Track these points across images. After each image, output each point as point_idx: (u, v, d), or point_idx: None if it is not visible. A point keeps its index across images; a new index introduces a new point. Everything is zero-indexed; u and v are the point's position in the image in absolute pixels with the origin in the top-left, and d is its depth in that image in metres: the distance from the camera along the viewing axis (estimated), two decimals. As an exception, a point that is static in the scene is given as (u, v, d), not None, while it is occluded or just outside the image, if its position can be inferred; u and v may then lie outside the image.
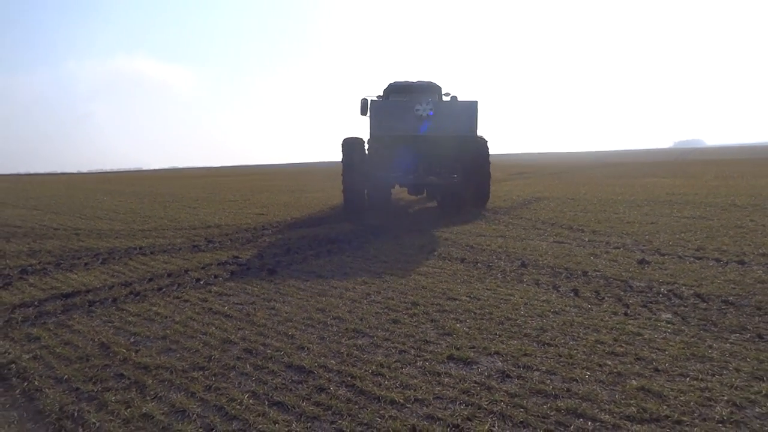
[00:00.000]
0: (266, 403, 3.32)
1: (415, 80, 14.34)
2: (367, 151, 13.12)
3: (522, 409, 3.14)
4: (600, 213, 11.71)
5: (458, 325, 4.66)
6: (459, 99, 13.38)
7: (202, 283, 6.46)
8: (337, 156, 13.53)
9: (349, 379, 3.61)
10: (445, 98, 13.88)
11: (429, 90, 14.13)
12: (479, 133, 12.20)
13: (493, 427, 2.98)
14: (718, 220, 10.07)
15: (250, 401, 3.34)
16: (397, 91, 14.17)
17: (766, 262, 6.55)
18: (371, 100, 12.80)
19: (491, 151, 13.44)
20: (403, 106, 12.24)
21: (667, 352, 3.91)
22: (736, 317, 4.65)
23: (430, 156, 12.55)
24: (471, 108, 11.98)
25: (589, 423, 2.98)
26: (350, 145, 13.19)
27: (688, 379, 3.47)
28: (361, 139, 13.38)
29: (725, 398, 3.19)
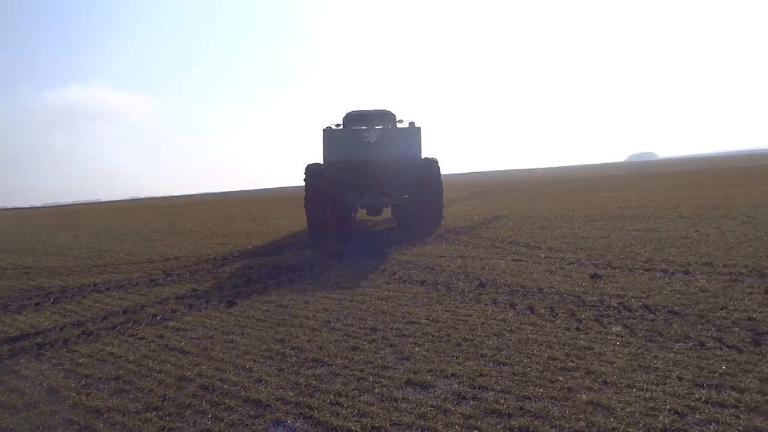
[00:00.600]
0: (222, 440, 3.28)
1: (371, 109, 14.94)
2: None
3: (476, 431, 3.20)
4: (556, 229, 12.06)
5: (417, 348, 4.72)
6: (415, 124, 14.00)
7: (158, 318, 6.32)
8: (298, 182, 13.89)
9: (306, 410, 3.60)
10: (400, 124, 14.36)
11: (383, 117, 14.69)
12: (433, 154, 13.24)
13: (448, 450, 3.02)
14: (665, 231, 10.52)
15: (205, 440, 3.29)
16: (354, 119, 14.73)
17: (708, 271, 6.88)
18: (324, 129, 13.55)
19: (449, 171, 14.18)
20: (353, 134, 13.40)
21: (615, 365, 4.06)
22: (680, 326, 4.87)
23: (381, 178, 13.32)
24: (415, 133, 13.28)
25: (541, 440, 3.06)
26: (312, 170, 13.77)
27: (634, 390, 3.61)
28: (323, 164, 13.99)
29: (668, 407, 3.33)
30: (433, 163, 14.17)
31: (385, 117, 14.76)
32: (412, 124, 14.07)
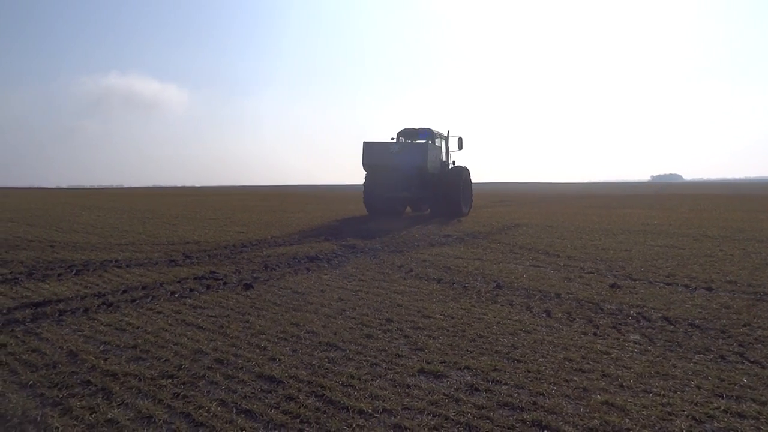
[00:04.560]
0: (234, 411, 3.31)
1: (417, 127, 19.29)
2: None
3: (488, 421, 3.19)
4: (576, 240, 11.92)
5: (431, 341, 4.71)
6: (462, 138, 19.70)
7: (176, 295, 6.41)
8: (324, 180, 16.25)
9: (318, 389, 3.62)
10: (451, 139, 20.11)
11: (425, 134, 19.03)
12: (465, 163, 17.56)
13: (459, 437, 3.01)
14: (689, 249, 10.33)
15: (218, 409, 3.32)
16: (404, 134, 19.45)
17: (732, 289, 6.74)
18: (363, 142, 17.83)
19: (477, 179, 16.85)
20: (383, 146, 17.84)
21: (632, 370, 4.00)
22: (700, 339, 4.78)
23: (401, 178, 17.68)
24: (422, 148, 17.53)
25: (553, 434, 3.03)
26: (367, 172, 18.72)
27: (651, 395, 3.55)
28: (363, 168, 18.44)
29: (685, 413, 3.27)
30: (456, 171, 18.88)
31: (426, 133, 19.01)
32: (460, 139, 19.60)
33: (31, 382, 3.72)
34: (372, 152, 17.78)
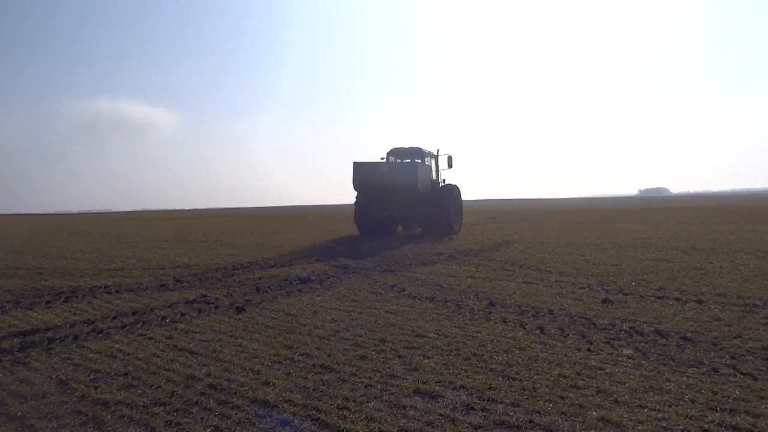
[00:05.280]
0: (228, 437, 3.27)
1: (407, 146, 19.50)
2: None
3: (485, 440, 3.17)
4: (567, 255, 11.99)
5: (425, 360, 4.69)
6: (451, 157, 19.94)
7: (168, 320, 6.35)
8: (315, 200, 16.38)
9: (314, 412, 3.59)
10: (441, 157, 20.38)
11: (415, 153, 19.27)
12: (454, 180, 17.79)
13: (456, 457, 2.99)
14: (678, 262, 10.42)
15: (212, 436, 3.28)
16: (394, 153, 19.63)
17: (722, 301, 6.80)
18: (353, 162, 17.98)
19: (467, 196, 17.36)
20: (373, 165, 18.01)
21: (627, 385, 4.01)
22: (693, 352, 4.80)
23: (391, 197, 17.81)
24: (412, 167, 17.63)
25: (551, 452, 3.02)
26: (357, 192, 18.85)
27: (646, 410, 3.56)
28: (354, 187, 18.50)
29: (681, 427, 3.28)
30: (447, 189, 19.31)
31: (416, 152, 19.24)
32: (450, 157, 19.89)
33: (19, 413, 3.65)
34: (362, 172, 17.95)
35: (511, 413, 3.54)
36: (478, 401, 3.76)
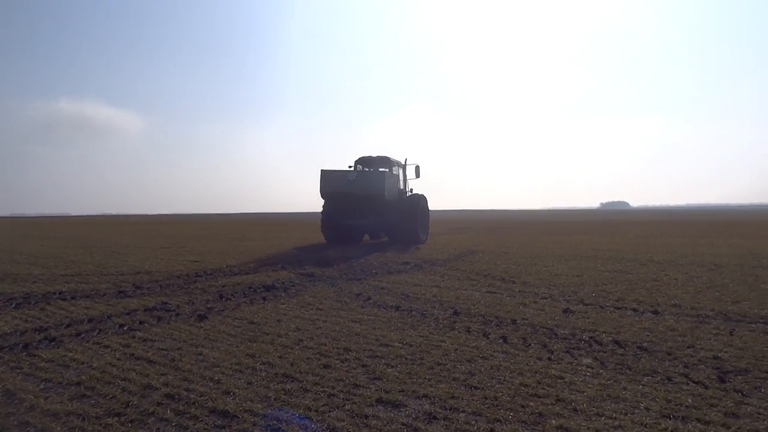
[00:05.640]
0: (185, 448, 3.18)
1: (375, 155, 19.55)
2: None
3: (446, 449, 3.18)
4: (531, 266, 12.21)
5: (389, 369, 4.68)
6: (419, 166, 20.39)
7: (125, 328, 6.15)
8: (282, 207, 16.02)
9: (274, 422, 3.53)
10: (409, 167, 20.72)
11: (382, 162, 19.40)
12: (422, 191, 17.76)
13: (418, 467, 2.98)
14: (636, 273, 10.75)
15: (168, 447, 3.18)
16: (361, 162, 19.70)
17: (677, 312, 7.04)
18: (321, 170, 17.95)
19: (434, 207, 17.42)
20: (340, 174, 17.89)
21: (585, 394, 4.09)
22: (648, 361, 4.94)
23: (358, 206, 17.87)
24: (380, 176, 17.73)
25: (510, 461, 3.05)
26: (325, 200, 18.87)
27: (603, 418, 3.64)
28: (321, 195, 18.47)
29: (636, 435, 3.36)
30: (414, 199, 19.22)
31: (384, 161, 19.38)
32: (418, 167, 20.36)
33: (-39, 425, 3.47)
34: (330, 180, 17.92)
35: (473, 422, 3.56)
36: (440, 410, 3.76)
